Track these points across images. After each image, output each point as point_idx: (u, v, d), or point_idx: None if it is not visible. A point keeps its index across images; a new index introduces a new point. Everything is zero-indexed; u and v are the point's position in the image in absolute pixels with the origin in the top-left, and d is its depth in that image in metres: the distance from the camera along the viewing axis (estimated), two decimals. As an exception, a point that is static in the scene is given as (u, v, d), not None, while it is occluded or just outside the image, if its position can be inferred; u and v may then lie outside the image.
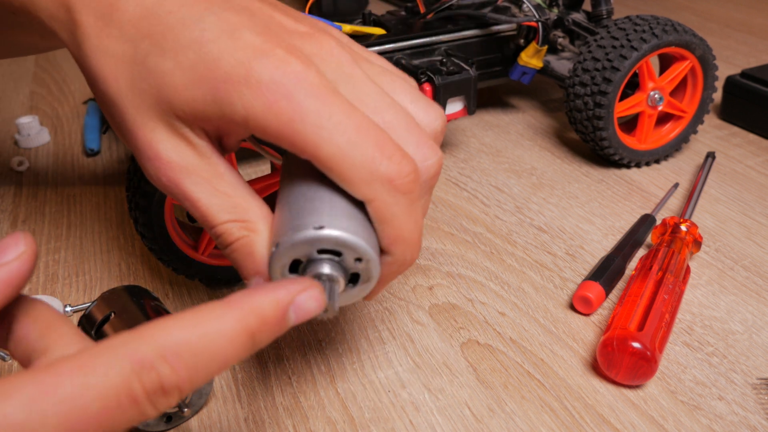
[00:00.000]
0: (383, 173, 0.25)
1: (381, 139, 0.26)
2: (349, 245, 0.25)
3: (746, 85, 0.57)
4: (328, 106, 0.25)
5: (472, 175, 0.52)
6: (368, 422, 0.31)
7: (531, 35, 0.54)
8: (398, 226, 0.27)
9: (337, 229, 0.25)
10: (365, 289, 0.27)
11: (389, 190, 0.26)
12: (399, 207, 0.26)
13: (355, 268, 0.26)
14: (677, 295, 0.36)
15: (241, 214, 0.28)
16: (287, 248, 0.25)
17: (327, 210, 0.26)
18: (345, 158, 0.25)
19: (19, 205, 0.49)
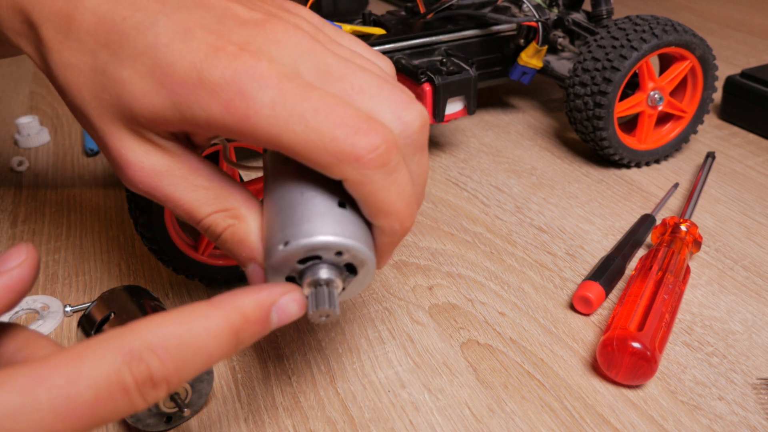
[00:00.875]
0: (348, 153, 0.24)
1: (343, 116, 0.25)
2: (318, 246, 0.25)
3: (746, 85, 0.57)
4: (281, 94, 0.25)
5: (472, 175, 0.52)
6: (368, 422, 0.31)
7: (531, 35, 0.54)
8: (379, 200, 0.26)
9: (300, 237, 0.25)
10: (368, 271, 0.27)
11: (358, 167, 0.25)
12: (374, 182, 0.25)
13: (342, 260, 0.26)
14: (677, 295, 0.36)
15: (223, 203, 0.28)
16: (271, 273, 0.26)
17: (289, 218, 0.26)
18: (306, 144, 0.25)
19: (19, 205, 0.49)
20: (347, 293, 0.28)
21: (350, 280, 0.27)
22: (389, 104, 0.27)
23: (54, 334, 0.37)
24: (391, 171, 0.25)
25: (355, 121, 0.25)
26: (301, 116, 0.24)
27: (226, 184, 0.28)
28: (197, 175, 0.28)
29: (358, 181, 0.25)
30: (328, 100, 0.25)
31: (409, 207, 0.27)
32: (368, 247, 0.26)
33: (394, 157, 0.25)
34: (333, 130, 0.24)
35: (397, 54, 0.50)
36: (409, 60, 0.50)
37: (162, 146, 0.28)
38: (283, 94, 0.25)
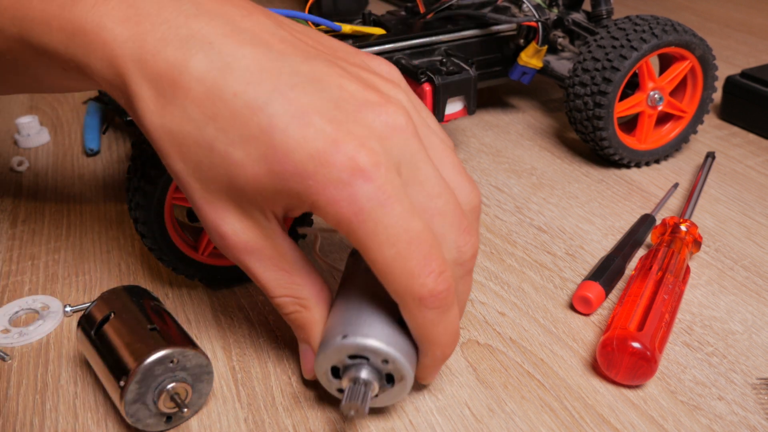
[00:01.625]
0: (416, 291, 0.27)
1: (425, 254, 0.27)
2: (370, 349, 0.28)
3: (746, 85, 0.57)
4: (386, 215, 0.26)
5: (472, 174, 0.52)
6: (368, 422, 0.31)
7: (531, 35, 0.54)
8: (428, 332, 0.28)
9: (358, 336, 0.28)
10: (404, 387, 0.30)
11: (419, 305, 0.27)
12: (427, 318, 0.28)
13: (386, 369, 0.29)
14: (677, 295, 0.36)
15: (296, 291, 0.31)
16: (322, 357, 0.29)
17: (355, 318, 0.29)
18: (388, 268, 0.27)
19: (19, 205, 0.49)
20: (379, 401, 0.31)
21: (386, 389, 0.30)
22: (458, 233, 0.29)
23: (54, 334, 0.37)
24: (444, 312, 0.28)
25: (434, 264, 0.27)
26: (395, 243, 0.27)
27: (305, 273, 0.31)
28: (283, 258, 0.30)
29: (413, 313, 0.28)
30: (420, 234, 0.27)
31: (453, 338, 0.29)
32: (412, 364, 0.29)
33: (449, 301, 0.28)
34: (414, 265, 0.27)
35: (397, 54, 0.50)
36: (409, 60, 0.50)
37: (261, 226, 0.29)
38: (388, 216, 0.26)
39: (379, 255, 0.27)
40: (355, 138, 0.26)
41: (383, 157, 0.27)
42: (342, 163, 0.26)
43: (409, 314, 0.28)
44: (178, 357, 0.30)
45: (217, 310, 0.38)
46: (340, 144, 0.26)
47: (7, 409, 0.33)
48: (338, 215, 0.26)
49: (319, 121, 0.26)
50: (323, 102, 0.27)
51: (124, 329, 0.31)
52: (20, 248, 0.44)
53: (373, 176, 0.26)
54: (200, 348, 0.31)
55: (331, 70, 0.29)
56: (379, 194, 0.26)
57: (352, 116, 0.27)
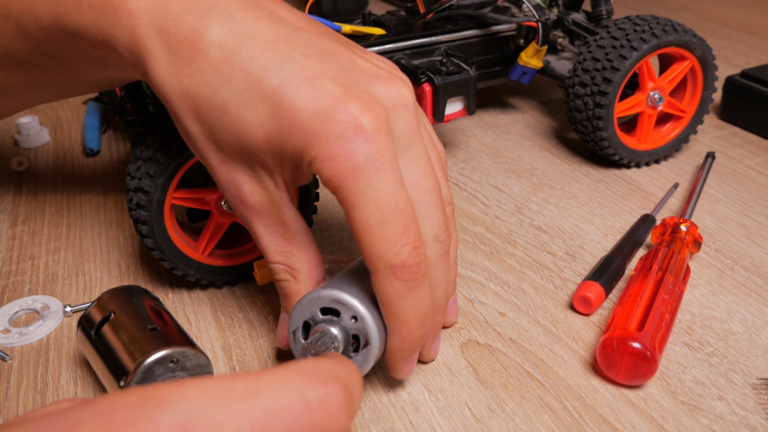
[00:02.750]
0: (390, 258, 0.28)
1: (405, 226, 0.28)
2: (342, 301, 0.29)
3: (746, 85, 0.57)
4: (378, 179, 0.27)
5: (471, 175, 0.52)
6: (368, 422, 0.31)
7: (531, 35, 0.54)
8: (394, 306, 0.29)
9: (335, 289, 0.29)
10: (368, 355, 0.30)
11: (389, 273, 0.28)
12: (395, 290, 0.28)
13: (354, 328, 0.29)
14: (677, 295, 0.36)
15: (290, 261, 0.31)
16: (295, 312, 0.30)
17: (337, 280, 0.30)
18: (368, 231, 0.28)
19: (19, 205, 0.49)
20: None
21: (351, 355, 0.30)
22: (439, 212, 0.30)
23: (54, 334, 0.37)
24: (413, 288, 0.28)
25: (411, 236, 0.28)
26: (380, 207, 0.27)
27: (304, 247, 0.32)
28: (285, 228, 0.31)
29: (383, 282, 0.28)
30: (405, 206, 0.28)
31: (420, 320, 0.29)
32: (380, 333, 0.30)
33: (420, 278, 0.28)
34: (393, 233, 0.28)
35: (397, 54, 0.50)
36: (409, 60, 0.50)
37: (268, 192, 0.30)
38: (381, 179, 0.27)
39: (363, 215, 0.27)
40: (362, 101, 0.28)
41: (385, 124, 0.28)
42: (345, 121, 0.27)
43: (380, 282, 0.28)
44: (178, 357, 0.30)
45: (217, 310, 0.38)
46: (345, 104, 0.27)
47: (7, 409, 0.33)
48: (333, 170, 0.27)
49: (329, 84, 0.28)
50: (335, 70, 0.29)
51: (124, 329, 0.31)
52: (20, 248, 0.44)
53: (374, 138, 0.27)
54: (200, 348, 0.31)
55: (343, 48, 0.30)
56: (376, 157, 0.27)
57: (362, 85, 0.29)
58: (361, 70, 0.30)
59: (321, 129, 0.27)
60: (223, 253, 0.39)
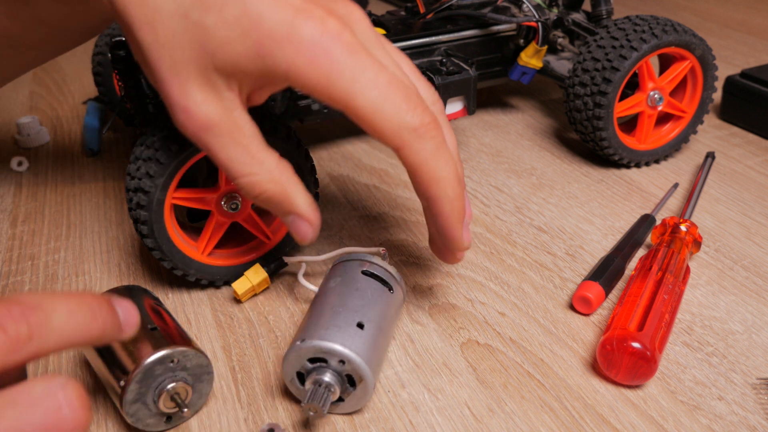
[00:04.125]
0: (409, 122, 0.29)
1: (408, 93, 0.29)
2: (325, 350, 0.29)
3: (746, 85, 0.57)
4: (362, 62, 0.28)
5: (471, 175, 0.52)
6: (368, 422, 0.31)
7: (531, 35, 0.54)
8: (430, 168, 0.30)
9: (314, 339, 0.30)
10: (365, 389, 0.30)
11: (416, 137, 0.29)
12: (426, 151, 0.29)
13: (344, 370, 0.30)
14: (677, 295, 0.36)
15: (258, 166, 0.31)
16: (286, 364, 0.30)
17: (313, 325, 0.30)
18: (376, 110, 0.28)
19: (19, 205, 0.49)
20: (345, 407, 0.31)
21: (349, 392, 0.31)
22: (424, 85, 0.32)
23: (54, 334, 0.37)
24: (440, 143, 0.30)
25: (416, 99, 0.29)
26: (376, 84, 0.28)
27: (263, 147, 0.31)
28: (241, 133, 0.31)
29: (412, 148, 0.29)
30: (397, 77, 0.29)
31: (456, 174, 0.31)
32: (369, 366, 0.30)
33: (441, 133, 0.30)
34: (400, 101, 0.29)
35: (396, 54, 0.50)
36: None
37: (223, 97, 0.30)
38: (364, 63, 0.28)
39: (364, 99, 0.28)
40: (323, 9, 0.29)
41: (349, 26, 0.29)
42: (312, 26, 0.28)
43: (410, 151, 0.29)
44: (178, 357, 0.30)
45: (217, 310, 0.38)
46: (308, 11, 0.28)
47: (7, 409, 0.33)
48: (318, 72, 0.28)
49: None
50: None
51: None
52: (20, 248, 0.44)
53: (342, 36, 0.28)
54: (200, 348, 0.31)
55: None
56: (350, 48, 0.28)
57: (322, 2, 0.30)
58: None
59: (290, 35, 0.28)
60: (223, 253, 0.39)
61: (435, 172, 0.30)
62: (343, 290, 0.32)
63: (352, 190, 0.50)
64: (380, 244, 0.44)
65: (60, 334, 0.22)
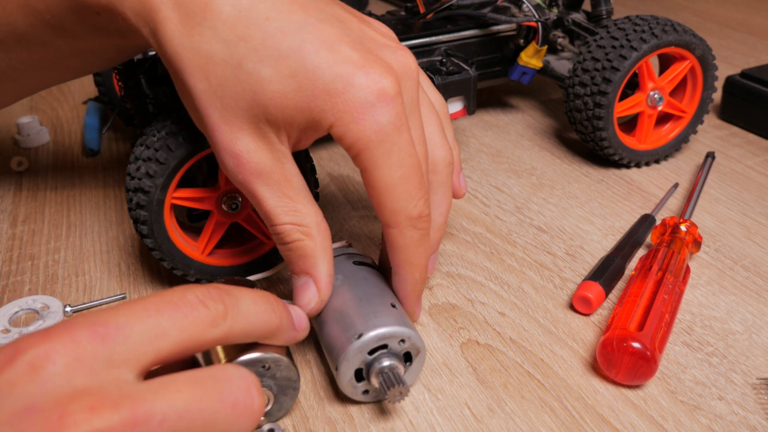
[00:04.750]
0: (411, 211, 0.30)
1: (421, 182, 0.30)
2: (387, 336, 0.30)
3: (746, 85, 0.57)
4: (400, 138, 0.29)
5: (471, 175, 0.52)
6: (368, 422, 0.31)
7: (531, 35, 0.54)
8: (410, 253, 0.31)
9: (371, 330, 0.30)
10: (421, 360, 0.32)
11: (409, 224, 0.30)
12: (413, 239, 0.31)
13: (403, 348, 0.31)
14: (677, 295, 0.36)
15: (299, 219, 0.31)
16: (344, 367, 0.30)
17: (357, 319, 0.31)
18: (390, 188, 0.30)
19: (19, 205, 0.49)
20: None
21: (407, 368, 0.31)
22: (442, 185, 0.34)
23: (54, 334, 0.37)
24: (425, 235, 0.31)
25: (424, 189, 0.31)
26: (402, 165, 0.29)
27: (308, 202, 0.32)
28: (289, 185, 0.31)
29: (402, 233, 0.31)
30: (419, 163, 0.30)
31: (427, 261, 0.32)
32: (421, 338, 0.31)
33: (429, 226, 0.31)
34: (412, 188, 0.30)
35: (396, 54, 0.50)
36: (409, 60, 0.50)
37: (274, 148, 0.30)
38: (402, 139, 0.29)
39: (388, 174, 0.29)
40: (380, 66, 0.29)
41: (400, 91, 0.30)
42: (369, 87, 0.28)
43: (399, 234, 0.31)
44: (270, 363, 0.29)
45: (217, 310, 0.38)
46: (367, 69, 0.29)
47: (7, 409, 0.33)
48: (360, 133, 0.29)
49: (347, 49, 0.29)
50: (349, 36, 0.30)
51: None
52: (20, 248, 0.44)
53: (395, 102, 0.29)
54: (294, 362, 0.30)
55: (351, 16, 0.32)
56: (397, 120, 0.29)
57: (375, 51, 0.30)
58: (370, 38, 0.31)
59: (345, 92, 0.28)
60: (223, 253, 0.39)
61: (412, 258, 0.31)
62: (354, 283, 0.33)
63: (352, 190, 0.50)
64: (379, 244, 0.44)
65: (246, 318, 0.26)
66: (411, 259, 0.31)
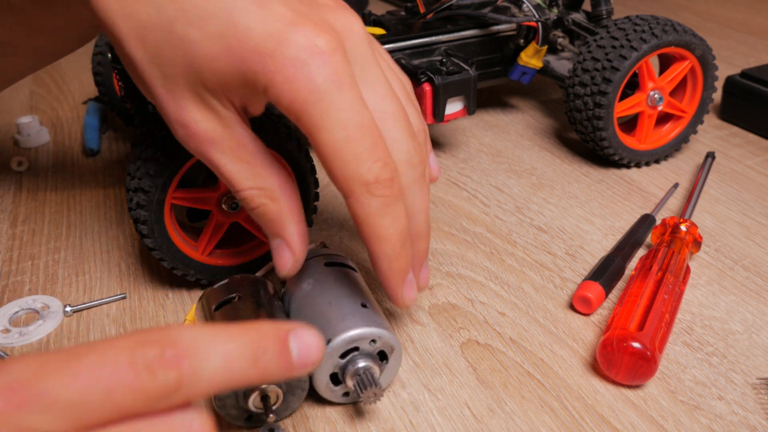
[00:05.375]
0: (363, 175, 0.28)
1: (373, 143, 0.28)
2: (356, 338, 0.30)
3: (746, 85, 0.57)
4: (341, 96, 0.27)
5: (472, 175, 0.52)
6: (368, 422, 0.31)
7: (531, 35, 0.54)
8: (374, 224, 0.29)
9: (339, 334, 0.29)
10: (397, 358, 0.31)
11: (365, 191, 0.28)
12: (372, 207, 0.28)
13: (375, 348, 0.30)
14: (677, 295, 0.36)
15: (261, 182, 0.30)
16: (317, 373, 0.30)
17: (326, 322, 0.30)
18: (336, 152, 0.27)
19: (19, 205, 0.49)
20: (383, 381, 0.32)
21: (384, 367, 0.31)
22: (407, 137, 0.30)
23: (54, 333, 0.37)
24: (389, 203, 0.29)
25: (380, 152, 0.28)
26: (347, 126, 0.27)
27: (267, 164, 0.30)
28: (244, 149, 0.30)
29: (359, 201, 0.28)
30: (370, 122, 0.28)
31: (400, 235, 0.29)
32: (394, 334, 0.31)
33: (395, 192, 0.29)
34: (362, 150, 0.27)
35: (397, 54, 0.50)
36: (409, 60, 0.50)
37: (220, 114, 0.29)
38: (343, 97, 0.27)
39: (329, 136, 0.27)
40: (315, 24, 0.27)
41: (340, 46, 0.28)
42: (301, 43, 0.27)
43: (356, 203, 0.28)
44: None
45: (217, 310, 0.38)
46: (299, 26, 0.27)
47: (7, 409, 0.33)
48: (294, 93, 0.27)
49: (280, 7, 0.27)
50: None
51: (241, 316, 0.31)
52: (20, 248, 0.44)
53: (331, 59, 0.27)
54: None
55: None
56: (334, 76, 0.27)
57: (314, 11, 0.28)
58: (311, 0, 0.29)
59: (275, 50, 0.26)
60: (223, 253, 0.39)
61: (377, 230, 0.29)
62: (323, 287, 0.32)
63: (352, 190, 0.50)
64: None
65: (209, 384, 0.21)
66: (376, 231, 0.29)
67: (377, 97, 0.29)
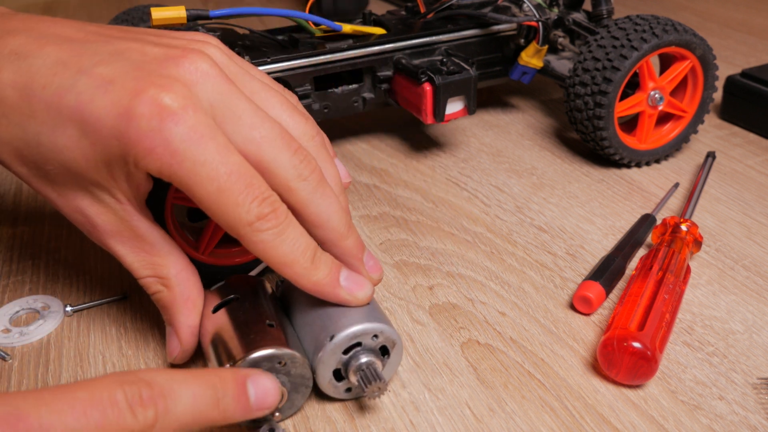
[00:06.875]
0: (244, 218, 0.28)
1: (246, 183, 0.28)
2: (359, 333, 0.30)
3: (746, 85, 0.57)
4: (202, 151, 0.27)
5: (472, 174, 0.52)
6: (368, 422, 0.31)
7: (531, 35, 0.54)
8: (273, 255, 0.29)
9: (342, 330, 0.30)
10: (398, 352, 0.32)
11: (251, 231, 0.28)
12: (266, 242, 0.29)
13: (378, 343, 0.31)
14: (677, 294, 0.36)
15: (157, 270, 0.32)
16: (321, 369, 0.30)
17: (327, 320, 0.31)
18: (214, 204, 0.28)
19: (19, 205, 0.49)
20: (386, 375, 0.32)
21: (385, 362, 0.31)
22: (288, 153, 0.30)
23: (54, 333, 0.37)
24: (279, 233, 0.29)
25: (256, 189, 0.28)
26: (215, 177, 0.27)
27: (165, 253, 0.32)
28: (142, 240, 0.31)
29: (251, 240, 0.29)
30: (238, 165, 0.28)
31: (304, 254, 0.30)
32: (394, 328, 0.31)
33: (280, 222, 0.29)
34: (236, 195, 0.28)
35: (397, 54, 0.50)
36: (409, 60, 0.50)
37: (113, 209, 0.30)
38: (204, 151, 0.27)
39: (202, 192, 0.28)
40: (158, 86, 0.27)
41: (190, 100, 0.28)
42: (149, 112, 0.27)
43: (250, 244, 0.29)
44: (287, 360, 0.29)
45: (218, 309, 0.38)
46: (143, 94, 0.27)
47: (8, 408, 0.33)
48: (157, 163, 0.27)
49: (121, 83, 0.28)
50: (125, 68, 0.28)
51: (242, 317, 0.31)
52: (20, 248, 0.44)
53: (182, 117, 0.27)
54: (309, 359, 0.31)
55: (133, 44, 0.30)
56: (191, 134, 0.27)
57: (155, 72, 0.28)
58: (152, 59, 0.29)
59: (128, 129, 0.27)
60: (223, 253, 0.39)
61: (280, 258, 0.29)
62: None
63: (352, 190, 0.50)
64: (380, 243, 0.44)
65: (179, 420, 0.24)
66: (280, 260, 0.29)
67: (245, 129, 0.29)
